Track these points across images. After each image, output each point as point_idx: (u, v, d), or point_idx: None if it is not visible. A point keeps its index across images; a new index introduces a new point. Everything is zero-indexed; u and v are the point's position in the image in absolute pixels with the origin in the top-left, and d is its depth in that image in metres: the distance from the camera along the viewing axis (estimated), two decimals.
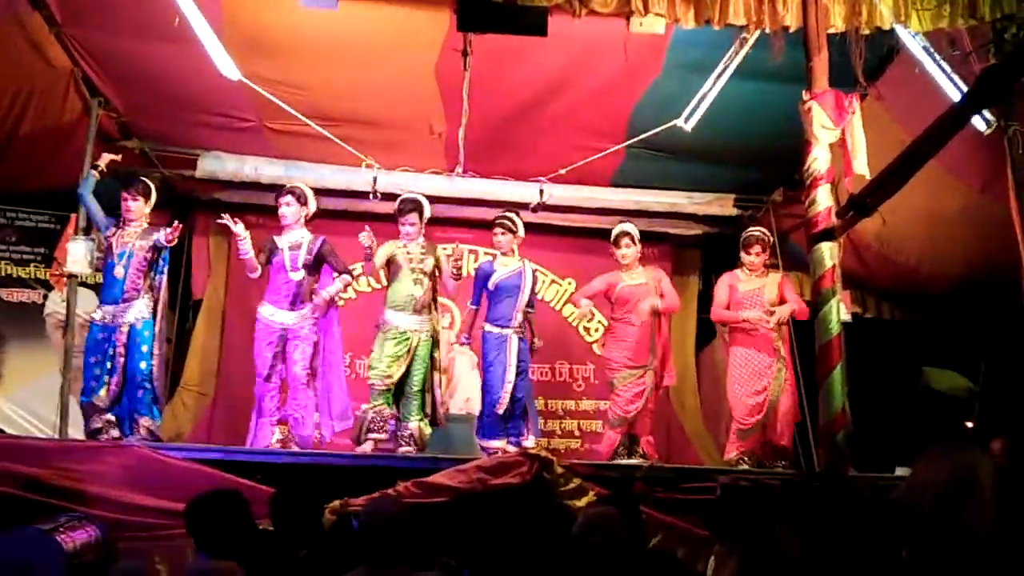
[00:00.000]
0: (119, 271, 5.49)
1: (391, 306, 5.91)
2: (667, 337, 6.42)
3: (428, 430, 5.89)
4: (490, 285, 6.03)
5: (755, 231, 6.36)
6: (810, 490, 4.69)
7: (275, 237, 5.93)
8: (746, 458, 6.09)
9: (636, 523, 4.60)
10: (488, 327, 6.02)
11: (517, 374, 5.90)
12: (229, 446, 5.61)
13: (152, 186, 5.82)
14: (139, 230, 5.64)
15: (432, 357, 5.92)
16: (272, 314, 5.82)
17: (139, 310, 5.49)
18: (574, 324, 7.73)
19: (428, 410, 5.91)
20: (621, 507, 3.92)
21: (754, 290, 6.22)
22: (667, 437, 7.55)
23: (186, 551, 4.36)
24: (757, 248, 6.24)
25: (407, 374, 5.83)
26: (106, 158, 5.73)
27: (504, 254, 6.11)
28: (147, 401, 5.47)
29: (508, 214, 6.14)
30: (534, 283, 6.08)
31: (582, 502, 4.75)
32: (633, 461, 5.93)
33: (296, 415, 5.78)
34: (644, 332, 6.13)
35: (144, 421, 5.43)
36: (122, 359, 5.41)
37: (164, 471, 4.79)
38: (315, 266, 5.90)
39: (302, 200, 5.92)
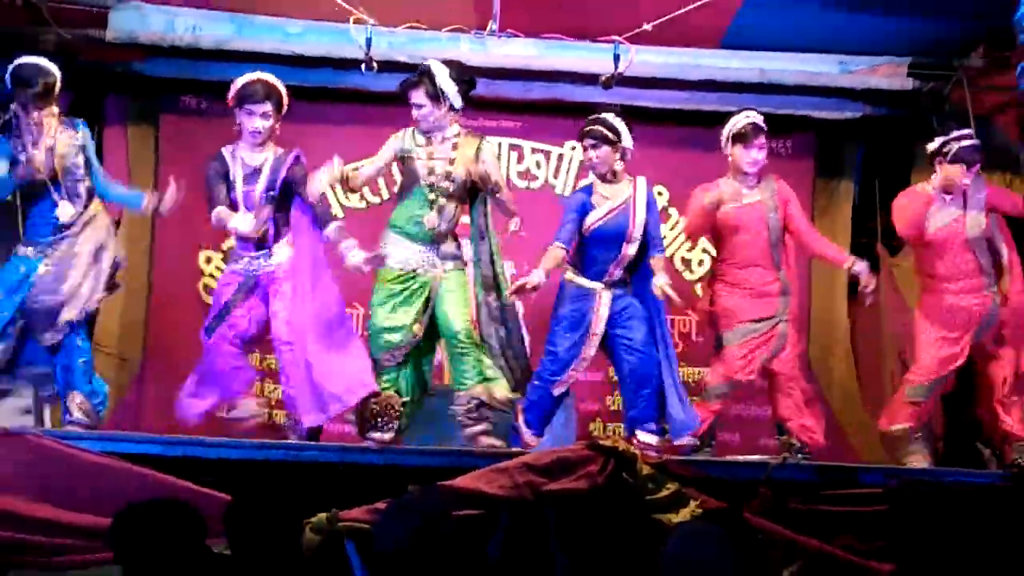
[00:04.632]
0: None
1: (393, 227, 5.95)
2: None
3: (507, 392, 5.94)
4: (584, 229, 6.01)
5: (967, 138, 6.24)
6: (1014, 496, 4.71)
7: (224, 154, 5.96)
8: (918, 431, 6.19)
9: (758, 547, 4.66)
10: (569, 275, 6.05)
11: (622, 326, 5.94)
12: (167, 435, 5.73)
13: (54, 72, 5.87)
14: (55, 135, 5.82)
15: (488, 303, 5.95)
16: (238, 262, 5.98)
17: None
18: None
19: (502, 365, 5.96)
20: (737, 524, 3.97)
21: (949, 224, 6.20)
22: None
23: None
24: (964, 166, 6.17)
25: (434, 325, 5.90)
26: None
27: (605, 178, 6.06)
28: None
29: (603, 116, 6.01)
30: (651, 216, 6.01)
31: (680, 516, 4.81)
32: (756, 457, 5.97)
33: (291, 390, 5.91)
34: (765, 272, 6.19)
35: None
36: None
37: (72, 470, 4.92)
38: (284, 198, 5.94)
39: (281, 105, 5.95)
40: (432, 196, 5.86)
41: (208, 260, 7.66)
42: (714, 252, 6.47)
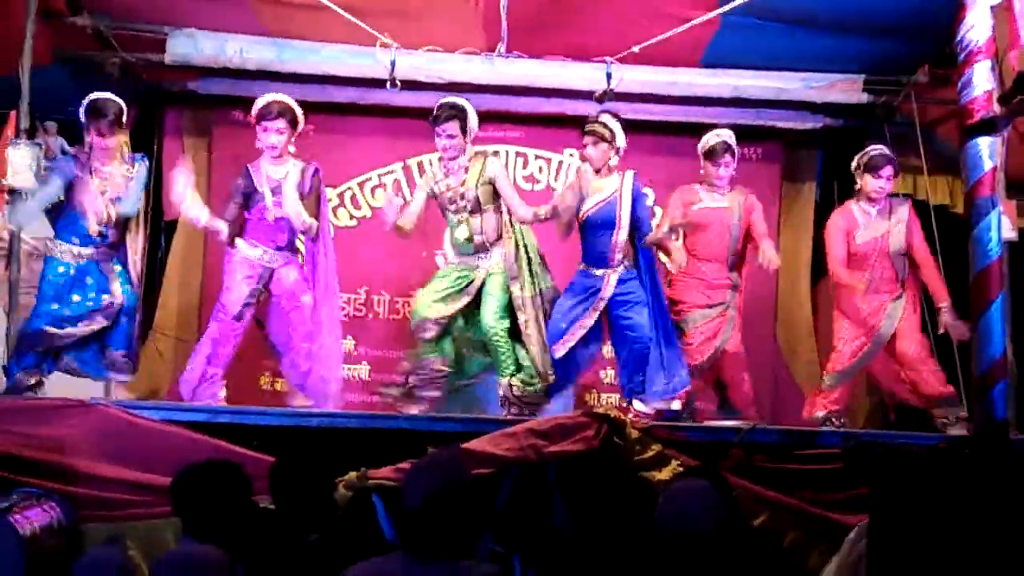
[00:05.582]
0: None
1: (450, 247, 6.13)
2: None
3: (531, 385, 5.95)
4: (579, 217, 6.03)
5: (879, 150, 6.31)
6: (961, 457, 4.71)
7: (250, 170, 5.98)
8: (835, 418, 6.23)
9: (732, 500, 4.68)
10: (582, 265, 6.08)
11: (623, 307, 5.96)
12: (218, 405, 5.76)
13: (122, 105, 5.89)
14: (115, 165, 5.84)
15: (511, 294, 5.95)
16: (254, 253, 5.99)
17: None
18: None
19: (526, 361, 5.95)
20: (713, 480, 3.98)
21: (876, 239, 6.22)
22: (774, 392, 7.58)
23: (166, 534, 4.55)
24: (889, 171, 6.21)
25: (475, 317, 5.97)
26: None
27: (598, 172, 6.05)
28: None
29: (602, 117, 6.02)
30: (636, 206, 5.98)
31: (663, 474, 4.84)
32: (728, 423, 5.99)
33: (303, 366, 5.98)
34: (720, 269, 6.28)
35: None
36: None
37: (137, 436, 4.95)
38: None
39: (295, 122, 5.96)
40: (457, 218, 5.96)
41: None
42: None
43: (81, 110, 5.84)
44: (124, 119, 5.89)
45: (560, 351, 5.94)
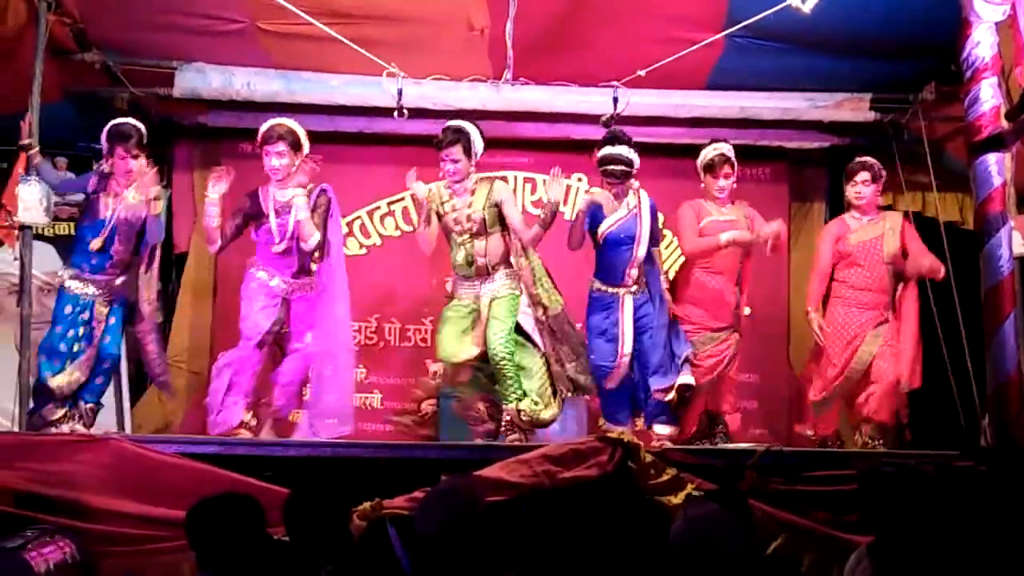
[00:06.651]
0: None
1: (454, 270, 6.12)
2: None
3: (543, 411, 5.96)
4: (598, 235, 6.09)
5: (860, 160, 6.42)
6: (976, 475, 4.68)
7: (259, 192, 6.04)
8: (830, 441, 6.33)
9: (747, 524, 4.65)
10: (595, 283, 6.11)
11: (642, 334, 6.01)
12: (229, 437, 5.77)
13: (143, 129, 6.02)
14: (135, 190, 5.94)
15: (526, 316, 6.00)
16: (271, 279, 6.01)
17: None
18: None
19: (535, 383, 5.96)
20: (729, 504, 3.97)
21: (869, 241, 6.28)
22: (787, 412, 7.55)
23: (181, 567, 4.55)
24: (864, 176, 6.30)
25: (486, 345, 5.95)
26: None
27: (618, 195, 6.18)
28: None
29: (617, 152, 6.07)
30: (654, 221, 6.14)
31: (678, 498, 4.82)
32: (744, 445, 5.97)
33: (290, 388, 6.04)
34: (727, 282, 6.28)
35: None
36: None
37: (150, 469, 4.95)
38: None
39: (297, 146, 6.00)
40: (461, 240, 5.96)
41: None
42: None
43: (103, 135, 5.96)
44: (144, 142, 5.99)
45: (611, 384, 6.05)
